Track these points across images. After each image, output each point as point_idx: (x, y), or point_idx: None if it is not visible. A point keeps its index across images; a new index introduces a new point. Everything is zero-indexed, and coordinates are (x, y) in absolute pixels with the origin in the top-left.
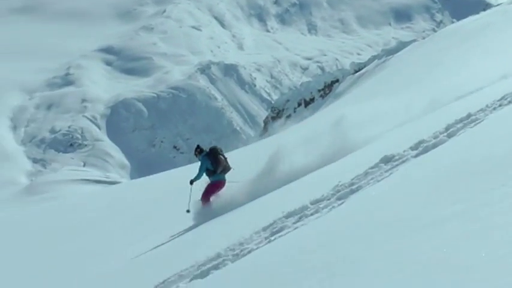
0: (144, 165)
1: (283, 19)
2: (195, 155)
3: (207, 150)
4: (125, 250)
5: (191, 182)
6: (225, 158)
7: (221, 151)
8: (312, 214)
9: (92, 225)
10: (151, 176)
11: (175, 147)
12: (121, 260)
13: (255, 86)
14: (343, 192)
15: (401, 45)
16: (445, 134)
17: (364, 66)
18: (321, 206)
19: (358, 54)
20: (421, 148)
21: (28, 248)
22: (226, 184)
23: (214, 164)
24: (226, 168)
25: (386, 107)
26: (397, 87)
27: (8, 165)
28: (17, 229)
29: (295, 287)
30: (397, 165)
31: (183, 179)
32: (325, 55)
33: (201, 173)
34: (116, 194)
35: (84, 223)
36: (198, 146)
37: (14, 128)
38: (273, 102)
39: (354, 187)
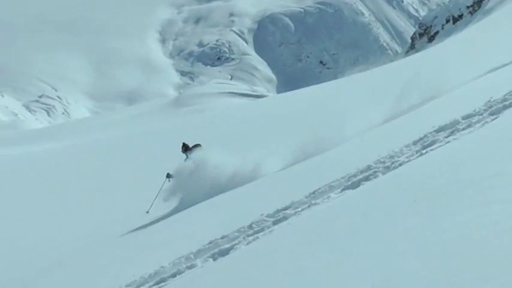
0: (290, 79)
1: None
2: (182, 152)
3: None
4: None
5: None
6: None
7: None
8: (463, 129)
9: (242, 137)
10: (297, 90)
11: (321, 62)
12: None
13: (402, 1)
14: (496, 108)
15: None
16: None
17: None
18: (473, 120)
19: None
20: None
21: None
22: None
23: None
24: None
25: None
26: None
27: (156, 78)
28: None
29: (449, 198)
30: None
31: (329, 94)
32: None
33: None
34: (263, 107)
35: (233, 135)
36: (184, 144)
37: (163, 41)
38: (420, 18)
39: (506, 103)
